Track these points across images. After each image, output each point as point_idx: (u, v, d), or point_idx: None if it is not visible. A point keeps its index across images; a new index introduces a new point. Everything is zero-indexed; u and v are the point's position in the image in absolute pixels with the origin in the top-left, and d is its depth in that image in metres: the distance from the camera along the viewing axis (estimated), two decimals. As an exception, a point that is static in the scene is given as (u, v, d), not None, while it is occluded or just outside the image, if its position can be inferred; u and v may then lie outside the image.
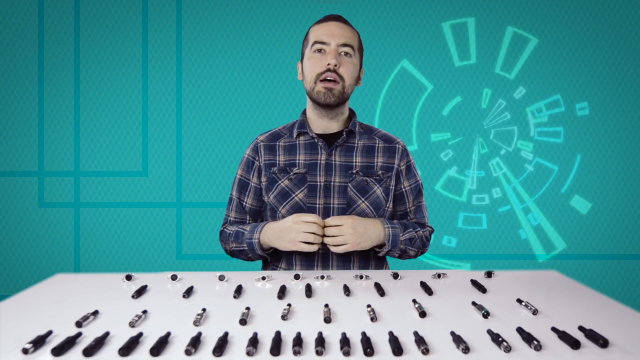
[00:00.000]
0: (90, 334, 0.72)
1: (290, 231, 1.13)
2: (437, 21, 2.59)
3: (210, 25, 2.59)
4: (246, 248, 1.24)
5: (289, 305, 0.84)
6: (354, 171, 1.27)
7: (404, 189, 1.34)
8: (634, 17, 2.55)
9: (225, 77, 2.61)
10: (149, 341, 0.69)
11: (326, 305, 0.83)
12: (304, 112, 1.34)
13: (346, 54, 1.23)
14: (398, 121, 2.62)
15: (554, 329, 0.73)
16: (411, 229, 1.26)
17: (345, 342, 0.66)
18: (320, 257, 1.25)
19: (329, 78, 1.21)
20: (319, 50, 1.22)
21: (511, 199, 2.60)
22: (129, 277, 1.05)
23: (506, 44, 2.57)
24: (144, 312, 0.81)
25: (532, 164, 2.59)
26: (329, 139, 1.30)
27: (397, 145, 1.33)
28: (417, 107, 2.60)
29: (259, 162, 1.32)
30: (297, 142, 1.31)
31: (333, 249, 1.16)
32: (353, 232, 1.14)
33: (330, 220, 1.16)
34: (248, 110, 2.61)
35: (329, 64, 1.20)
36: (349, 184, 1.26)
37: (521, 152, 2.58)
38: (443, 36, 2.59)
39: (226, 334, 0.69)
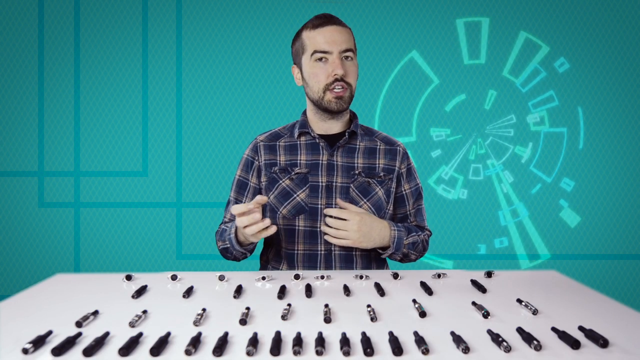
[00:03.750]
0: (90, 334, 0.72)
1: (242, 230, 1.08)
2: (452, 17, 2.59)
3: (210, 25, 2.59)
4: (229, 245, 1.23)
5: (289, 305, 0.84)
6: (356, 172, 1.27)
7: (404, 192, 1.34)
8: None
9: (225, 77, 2.61)
10: (149, 341, 0.69)
11: (326, 305, 0.83)
12: (305, 113, 1.33)
13: (347, 57, 1.21)
14: (400, 111, 2.62)
15: (554, 329, 0.73)
16: (414, 233, 1.27)
17: (345, 342, 0.66)
18: (323, 259, 1.24)
19: (337, 88, 1.19)
20: (321, 59, 1.20)
21: (501, 201, 2.60)
22: (129, 277, 1.05)
23: (517, 48, 2.58)
24: (144, 312, 0.81)
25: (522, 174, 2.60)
26: (330, 140, 1.29)
27: (398, 148, 1.33)
28: (421, 99, 2.60)
29: (259, 162, 1.31)
30: (299, 142, 1.30)
31: (331, 240, 1.16)
32: (357, 229, 1.14)
33: (338, 212, 1.15)
34: (248, 110, 2.61)
35: (336, 74, 1.18)
36: (351, 185, 1.26)
37: (503, 173, 2.59)
38: (456, 33, 2.59)
39: (226, 334, 0.69)
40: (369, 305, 0.83)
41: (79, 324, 0.75)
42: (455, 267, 2.60)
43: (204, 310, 0.81)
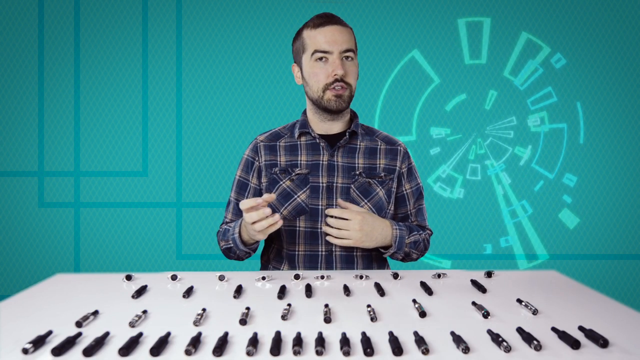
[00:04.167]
0: (90, 334, 0.72)
1: (247, 227, 1.07)
2: (453, 17, 2.59)
3: (210, 25, 2.59)
4: (232, 245, 1.24)
5: (289, 305, 0.84)
6: (357, 172, 1.26)
7: (405, 192, 1.33)
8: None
9: (225, 77, 2.61)
10: (149, 341, 0.69)
11: (326, 305, 0.83)
12: (305, 112, 1.33)
13: (347, 57, 1.20)
14: (400, 110, 2.62)
15: (554, 329, 0.73)
16: (415, 232, 1.26)
17: (345, 342, 0.66)
18: (324, 259, 1.24)
19: (337, 88, 1.19)
20: (321, 59, 1.19)
21: (500, 202, 2.60)
22: (129, 277, 1.05)
23: (518, 48, 2.58)
24: (144, 312, 0.81)
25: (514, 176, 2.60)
26: (331, 140, 1.29)
27: (399, 148, 1.33)
28: (421, 98, 2.60)
29: (259, 163, 1.31)
30: (299, 142, 1.30)
31: (333, 241, 1.15)
32: (359, 229, 1.13)
33: (339, 213, 1.15)
34: (248, 110, 2.61)
35: (336, 75, 1.18)
36: (352, 185, 1.25)
37: (502, 173, 2.59)
38: (457, 32, 2.59)
39: (226, 334, 0.69)
40: (369, 305, 0.83)
41: (79, 324, 0.75)
42: (453, 267, 2.60)
43: (204, 310, 0.81)
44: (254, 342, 0.66)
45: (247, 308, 0.81)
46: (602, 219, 2.60)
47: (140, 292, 0.94)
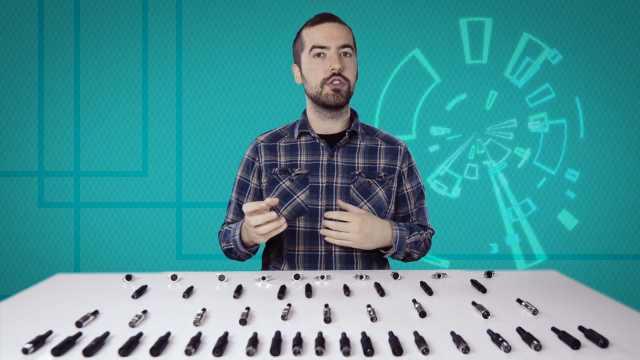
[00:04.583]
0: (90, 334, 0.72)
1: (249, 230, 1.07)
2: (455, 16, 2.60)
3: (210, 25, 2.59)
4: (233, 246, 1.24)
5: (289, 305, 0.84)
6: (357, 172, 1.26)
7: (405, 191, 1.33)
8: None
9: (225, 77, 2.61)
10: (149, 341, 0.69)
11: (326, 305, 0.83)
12: (305, 113, 1.33)
13: (345, 54, 1.21)
14: (400, 109, 2.62)
15: (554, 329, 0.73)
16: (416, 232, 1.26)
17: (345, 342, 0.66)
18: (324, 259, 1.24)
19: (335, 82, 1.19)
20: (319, 55, 1.20)
21: (500, 203, 2.60)
22: (129, 277, 1.05)
23: (520, 49, 2.58)
24: (144, 312, 0.81)
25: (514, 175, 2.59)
26: (331, 140, 1.29)
27: (399, 147, 1.33)
28: (422, 97, 2.60)
29: (259, 163, 1.31)
30: (299, 142, 1.30)
31: (332, 241, 1.15)
32: (359, 231, 1.13)
33: (339, 215, 1.15)
34: (248, 110, 2.61)
35: (333, 69, 1.18)
36: (352, 185, 1.25)
37: (501, 174, 2.59)
38: (459, 32, 2.59)
39: (226, 334, 0.69)
40: (369, 305, 0.83)
41: (79, 324, 0.75)
42: (452, 267, 2.59)
43: (204, 310, 0.81)
44: (254, 342, 0.66)
45: (247, 308, 0.81)
46: (601, 219, 2.60)
47: (140, 292, 0.94)
